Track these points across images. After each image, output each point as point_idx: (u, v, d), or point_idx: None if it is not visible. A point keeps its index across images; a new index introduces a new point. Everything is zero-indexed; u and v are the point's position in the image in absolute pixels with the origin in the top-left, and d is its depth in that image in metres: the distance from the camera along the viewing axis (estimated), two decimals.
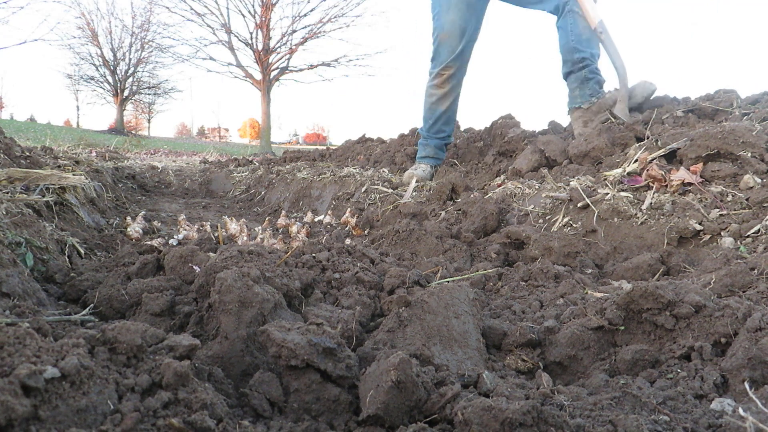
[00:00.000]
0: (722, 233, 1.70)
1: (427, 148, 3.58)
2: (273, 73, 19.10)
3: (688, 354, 0.99)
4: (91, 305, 1.24)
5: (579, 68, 3.00)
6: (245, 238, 2.33)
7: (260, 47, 18.55)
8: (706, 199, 1.90)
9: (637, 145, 2.41)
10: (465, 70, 3.35)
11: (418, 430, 0.74)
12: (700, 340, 0.99)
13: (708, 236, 1.72)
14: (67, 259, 1.64)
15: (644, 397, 0.83)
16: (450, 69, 3.27)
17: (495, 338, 1.16)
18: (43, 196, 1.95)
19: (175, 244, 2.17)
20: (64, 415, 0.61)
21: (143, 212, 2.90)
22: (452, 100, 3.40)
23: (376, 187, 3.23)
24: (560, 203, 2.24)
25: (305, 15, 18.55)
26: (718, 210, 1.81)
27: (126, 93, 29.01)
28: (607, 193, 2.09)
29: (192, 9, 17.99)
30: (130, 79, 28.99)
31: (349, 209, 2.72)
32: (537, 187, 2.51)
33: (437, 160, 3.58)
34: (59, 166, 2.85)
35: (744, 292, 1.21)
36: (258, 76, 18.85)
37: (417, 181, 3.19)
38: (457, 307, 1.11)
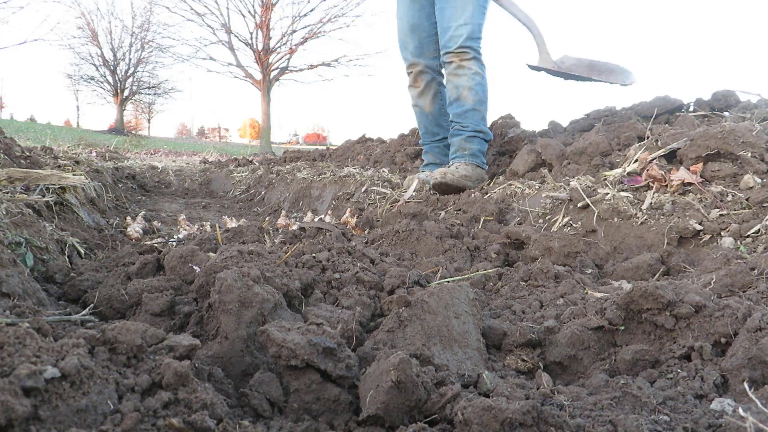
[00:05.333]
0: (722, 233, 1.70)
1: (427, 155, 3.43)
2: (273, 73, 19.10)
3: (688, 354, 0.99)
4: (91, 305, 1.24)
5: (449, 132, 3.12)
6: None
7: (260, 47, 18.56)
8: (706, 199, 1.90)
9: (638, 144, 2.41)
10: (435, 65, 3.23)
11: (418, 430, 0.74)
12: (700, 340, 0.99)
13: (708, 236, 1.72)
14: (67, 259, 1.64)
15: (644, 397, 0.83)
16: (416, 66, 3.21)
17: (495, 338, 1.16)
18: (43, 196, 1.95)
19: (175, 244, 2.17)
20: (64, 415, 0.61)
21: (143, 212, 2.90)
22: (431, 98, 3.27)
23: (376, 187, 3.23)
24: (560, 203, 2.24)
25: (305, 15, 18.57)
26: (718, 210, 1.81)
27: (126, 93, 29.03)
28: (607, 193, 2.10)
29: (192, 9, 18.01)
30: (130, 79, 29.03)
31: (349, 209, 2.72)
32: (537, 187, 2.51)
33: (440, 167, 3.36)
34: (59, 166, 2.85)
35: (744, 292, 1.21)
36: (258, 76, 18.85)
37: (418, 183, 3.13)
38: (457, 307, 1.11)
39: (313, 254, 1.52)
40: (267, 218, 3.06)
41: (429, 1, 3.14)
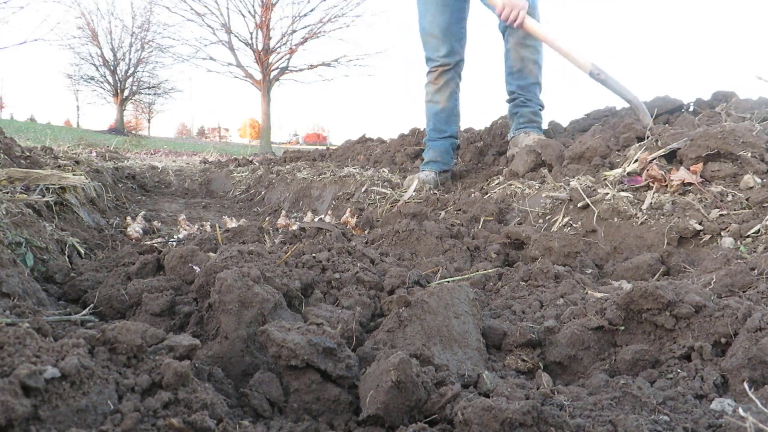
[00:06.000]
0: (722, 233, 1.70)
1: (429, 152, 3.40)
2: (273, 73, 19.09)
3: (688, 354, 0.99)
4: (91, 305, 1.24)
5: (509, 101, 3.22)
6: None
7: (260, 47, 18.54)
8: (706, 199, 1.90)
9: (638, 145, 2.41)
10: (459, 68, 3.30)
11: (418, 430, 0.74)
12: (700, 340, 0.99)
13: (708, 236, 1.72)
14: (67, 259, 1.64)
15: (644, 397, 0.83)
16: (442, 67, 3.25)
17: (495, 338, 1.16)
18: (43, 196, 1.95)
19: (175, 244, 2.17)
20: (64, 415, 0.61)
21: (143, 212, 2.90)
22: (448, 95, 3.30)
23: (376, 187, 3.23)
24: (560, 203, 2.24)
25: (305, 15, 18.54)
26: (718, 210, 1.81)
27: (126, 93, 29.02)
28: (607, 193, 2.10)
29: (192, 9, 17.99)
30: (130, 79, 29.02)
31: (349, 209, 2.72)
32: (537, 187, 2.51)
33: (442, 165, 3.35)
34: (59, 166, 2.85)
35: (744, 292, 1.21)
36: (258, 76, 18.84)
37: (418, 183, 3.10)
38: (457, 307, 1.11)
39: (313, 254, 1.52)
40: (267, 218, 3.06)
41: (460, 6, 3.21)
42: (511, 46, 3.11)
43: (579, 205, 2.12)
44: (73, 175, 2.35)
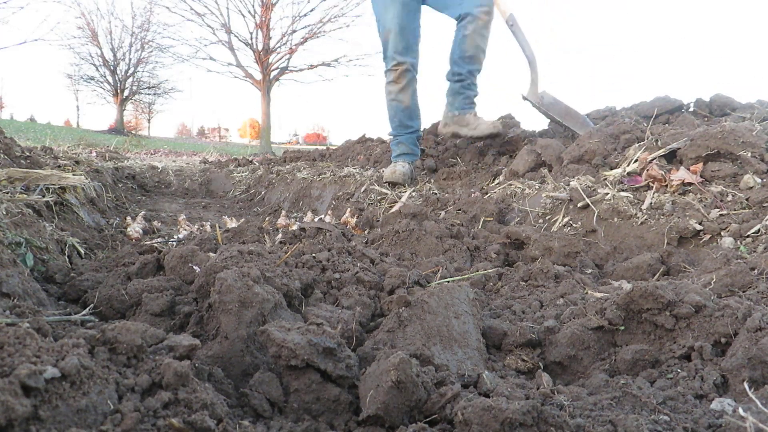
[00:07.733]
0: (722, 233, 1.70)
1: (400, 145, 3.62)
2: (273, 73, 19.06)
3: (688, 354, 0.99)
4: (91, 305, 1.24)
5: (454, 81, 3.44)
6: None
7: (260, 47, 18.53)
8: (706, 199, 1.90)
9: (637, 145, 2.41)
10: (417, 66, 3.47)
11: (418, 430, 0.74)
12: (700, 340, 0.99)
13: (708, 236, 1.72)
14: (67, 259, 1.64)
15: (644, 397, 0.83)
16: (402, 65, 3.40)
17: (495, 338, 1.16)
18: (43, 196, 1.95)
19: (175, 244, 2.16)
20: (64, 415, 0.61)
21: (143, 212, 2.90)
22: (410, 93, 3.51)
23: (375, 187, 3.23)
24: (560, 203, 2.24)
25: (305, 15, 18.51)
26: (718, 210, 1.81)
27: (126, 93, 29.00)
28: (607, 193, 2.10)
29: (192, 9, 17.95)
30: (130, 79, 28.99)
31: (349, 209, 2.72)
32: (537, 187, 2.51)
33: (413, 156, 3.63)
34: (59, 166, 2.84)
35: (744, 292, 1.21)
36: (258, 76, 18.83)
37: (396, 177, 3.31)
38: (457, 307, 1.11)
39: (313, 254, 1.52)
40: (267, 218, 3.06)
41: (417, 5, 3.39)
42: (469, 33, 3.28)
43: (579, 205, 2.12)
44: (73, 175, 2.35)
